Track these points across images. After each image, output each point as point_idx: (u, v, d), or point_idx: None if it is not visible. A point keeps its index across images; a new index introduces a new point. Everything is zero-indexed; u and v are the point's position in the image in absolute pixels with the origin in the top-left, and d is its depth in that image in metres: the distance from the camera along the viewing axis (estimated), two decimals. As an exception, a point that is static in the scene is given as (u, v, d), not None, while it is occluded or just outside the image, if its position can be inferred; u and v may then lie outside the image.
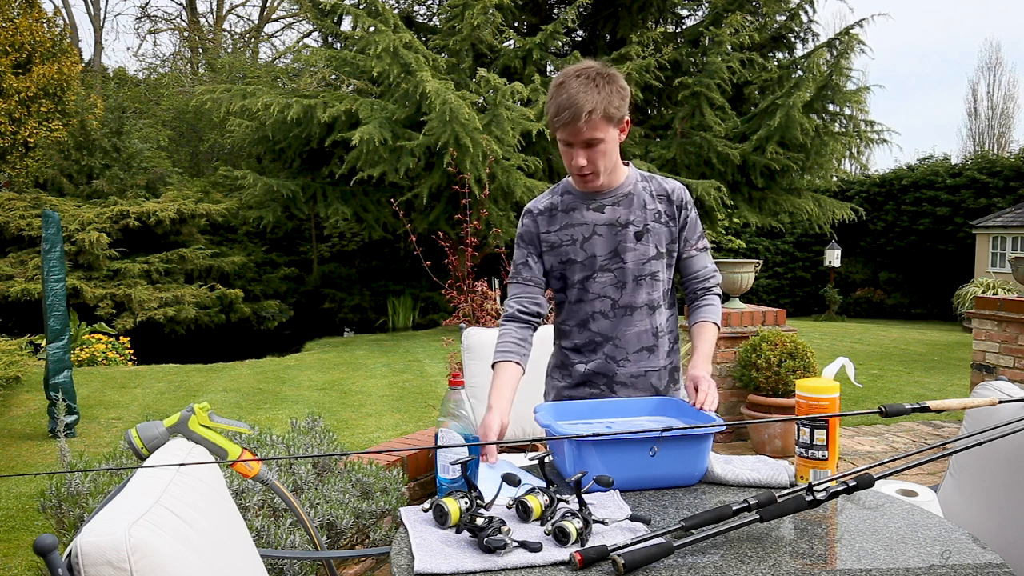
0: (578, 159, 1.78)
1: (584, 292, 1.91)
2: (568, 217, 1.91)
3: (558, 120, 1.74)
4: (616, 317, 1.90)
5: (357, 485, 2.46)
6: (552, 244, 1.92)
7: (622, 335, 1.90)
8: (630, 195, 1.90)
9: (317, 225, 15.56)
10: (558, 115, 1.74)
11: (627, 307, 1.89)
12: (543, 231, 1.93)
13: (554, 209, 1.93)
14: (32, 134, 14.10)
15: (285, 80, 15.49)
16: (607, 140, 1.78)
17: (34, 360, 7.36)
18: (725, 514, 1.25)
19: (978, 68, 42.66)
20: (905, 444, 4.93)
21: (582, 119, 1.71)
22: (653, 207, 1.90)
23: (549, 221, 1.93)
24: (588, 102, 1.71)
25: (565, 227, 1.91)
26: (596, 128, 1.74)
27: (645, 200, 1.90)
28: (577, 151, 1.78)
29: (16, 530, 3.53)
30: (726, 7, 11.76)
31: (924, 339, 11.44)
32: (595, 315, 1.91)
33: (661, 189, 1.93)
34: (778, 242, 18.84)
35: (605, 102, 1.73)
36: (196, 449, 1.42)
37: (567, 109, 1.72)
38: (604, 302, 1.90)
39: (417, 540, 1.25)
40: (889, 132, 12.26)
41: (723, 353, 4.79)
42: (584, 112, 1.71)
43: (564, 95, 1.73)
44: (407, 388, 7.17)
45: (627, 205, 1.89)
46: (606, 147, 1.79)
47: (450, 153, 8.99)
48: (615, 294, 1.89)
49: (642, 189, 1.91)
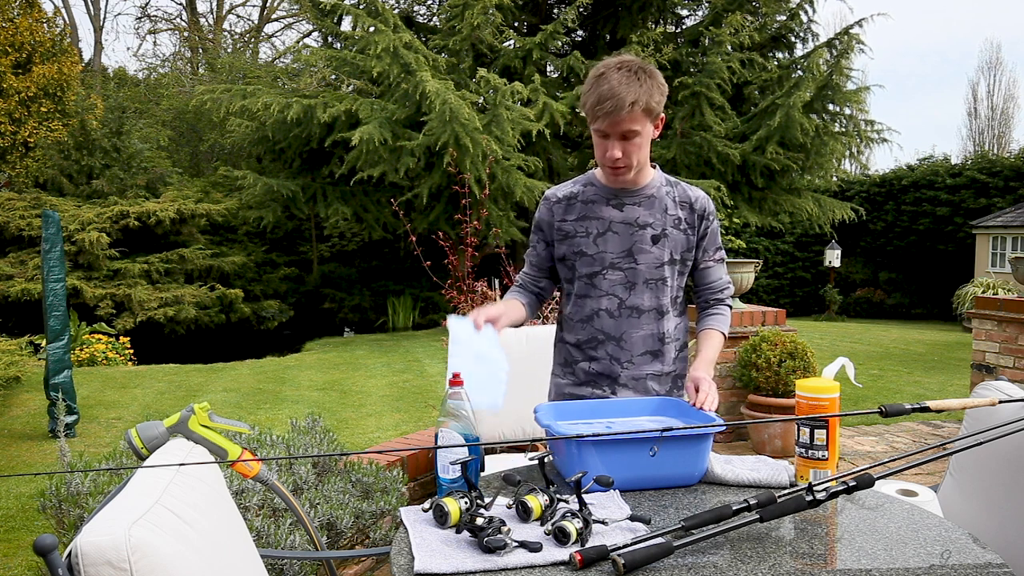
0: (613, 151, 1.78)
1: (591, 288, 1.91)
2: (587, 209, 1.91)
3: (599, 109, 1.74)
4: (622, 317, 1.89)
5: (357, 485, 2.46)
6: (566, 233, 1.92)
7: (627, 336, 1.90)
8: (652, 198, 1.89)
9: (317, 225, 15.55)
10: (600, 104, 1.73)
11: (634, 308, 1.89)
12: (558, 219, 1.94)
13: (573, 199, 1.94)
14: (32, 134, 14.10)
15: (285, 80, 15.49)
16: (643, 134, 1.79)
17: (34, 360, 7.36)
18: (725, 514, 1.25)
19: (978, 68, 42.66)
20: (905, 444, 4.93)
21: (624, 109, 1.71)
22: (674, 213, 1.90)
23: (566, 210, 1.93)
24: (631, 94, 1.72)
25: (581, 218, 1.91)
26: (636, 120, 1.75)
27: (667, 204, 1.90)
28: (613, 142, 1.78)
29: (16, 530, 3.53)
30: (726, 7, 11.76)
31: (924, 339, 11.44)
32: (600, 312, 1.90)
33: (685, 196, 1.93)
34: (778, 242, 18.83)
35: (647, 95, 1.74)
36: (196, 449, 1.42)
37: (609, 99, 1.71)
38: (611, 300, 1.89)
39: (417, 540, 1.25)
40: (889, 132, 12.27)
41: (723, 353, 4.79)
42: (627, 103, 1.71)
43: (606, 85, 1.73)
44: (407, 388, 7.17)
45: (648, 207, 1.89)
46: (641, 141, 1.79)
47: (450, 153, 8.99)
48: (623, 294, 1.89)
49: (665, 194, 1.91)
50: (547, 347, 2.15)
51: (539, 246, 2.00)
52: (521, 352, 2.74)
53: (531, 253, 2.03)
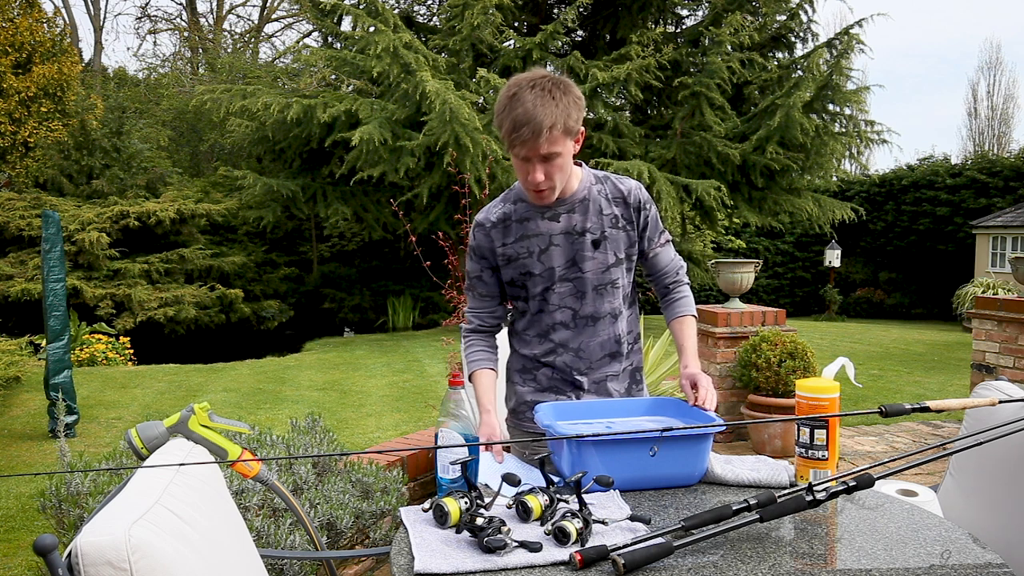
0: (535, 175, 1.68)
1: (544, 303, 1.86)
2: (523, 228, 1.83)
3: (516, 137, 1.63)
4: (578, 328, 1.85)
5: (357, 485, 2.46)
6: (509, 257, 1.84)
7: (585, 345, 1.86)
8: (585, 200, 1.82)
9: (317, 225, 15.56)
10: (516, 131, 1.63)
11: (589, 317, 1.85)
12: (498, 245, 1.85)
13: (508, 219, 1.84)
14: (32, 134, 14.10)
15: (285, 80, 15.51)
16: (564, 154, 1.69)
17: (34, 360, 7.36)
18: (725, 514, 1.25)
19: (978, 68, 42.69)
20: (905, 444, 4.93)
21: (543, 136, 1.62)
22: (609, 211, 1.83)
23: (504, 233, 1.84)
24: (547, 116, 1.61)
25: (521, 239, 1.83)
26: (555, 143, 1.65)
27: (601, 205, 1.83)
28: (535, 166, 1.68)
29: (16, 530, 3.53)
30: (726, 7, 11.76)
31: (924, 339, 11.44)
32: (556, 326, 1.86)
33: (616, 191, 1.85)
34: (778, 242, 18.84)
35: (564, 116, 1.64)
36: (196, 449, 1.42)
37: (525, 125, 1.61)
38: (564, 312, 1.85)
39: (417, 540, 1.25)
40: (889, 132, 12.26)
41: (723, 353, 4.79)
42: (544, 127, 1.61)
43: (520, 109, 1.62)
44: (407, 388, 7.17)
45: (583, 212, 1.82)
46: (563, 161, 1.70)
47: (450, 153, 8.99)
48: (575, 304, 1.84)
49: (597, 193, 1.84)
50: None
51: (484, 274, 1.89)
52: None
53: (476, 284, 1.91)
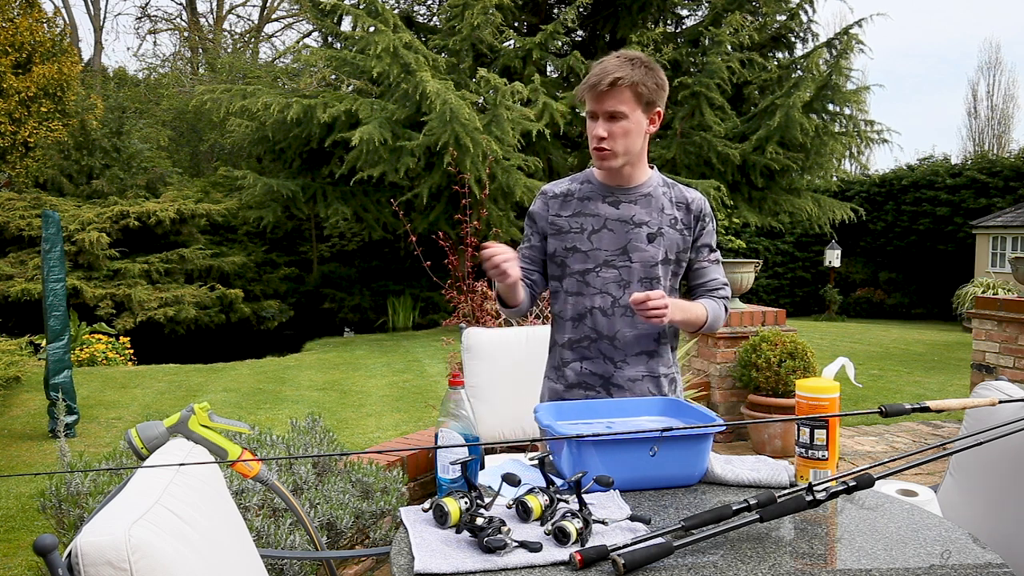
0: (597, 129, 1.78)
1: (584, 285, 1.88)
2: (582, 205, 1.90)
3: (586, 84, 1.77)
4: (615, 316, 1.87)
5: (357, 485, 2.46)
6: (560, 228, 1.91)
7: (621, 335, 1.87)
8: (649, 196, 1.88)
9: (317, 225, 15.55)
10: (588, 83, 1.76)
11: (628, 307, 1.86)
12: (552, 213, 1.93)
13: (570, 195, 1.92)
14: (32, 134, 14.10)
15: (285, 80, 15.51)
16: (631, 119, 1.78)
17: (34, 360, 7.35)
18: (725, 514, 1.25)
19: (978, 68, 42.62)
20: (905, 444, 4.93)
21: (607, 82, 1.73)
22: (671, 212, 1.88)
23: (562, 205, 1.92)
24: (619, 72, 1.73)
25: (576, 215, 1.90)
26: (620, 99, 1.75)
27: (663, 204, 1.88)
28: (600, 122, 1.79)
29: (16, 530, 3.53)
30: (726, 7, 11.76)
31: (924, 339, 11.43)
32: (594, 310, 1.88)
33: (682, 197, 1.91)
34: (778, 242, 18.83)
35: (636, 77, 1.75)
36: (196, 449, 1.42)
37: (597, 76, 1.75)
38: (605, 298, 1.87)
39: (417, 540, 1.25)
40: (889, 132, 12.27)
41: (723, 353, 4.79)
42: (612, 77, 1.73)
43: (599, 67, 1.77)
44: (407, 388, 7.17)
45: (644, 205, 1.87)
46: (629, 126, 1.78)
47: (450, 153, 8.98)
48: (617, 292, 1.87)
49: (662, 194, 1.89)
50: (546, 348, 2.14)
51: (533, 238, 1.98)
52: (521, 352, 2.74)
53: (524, 246, 2.00)
